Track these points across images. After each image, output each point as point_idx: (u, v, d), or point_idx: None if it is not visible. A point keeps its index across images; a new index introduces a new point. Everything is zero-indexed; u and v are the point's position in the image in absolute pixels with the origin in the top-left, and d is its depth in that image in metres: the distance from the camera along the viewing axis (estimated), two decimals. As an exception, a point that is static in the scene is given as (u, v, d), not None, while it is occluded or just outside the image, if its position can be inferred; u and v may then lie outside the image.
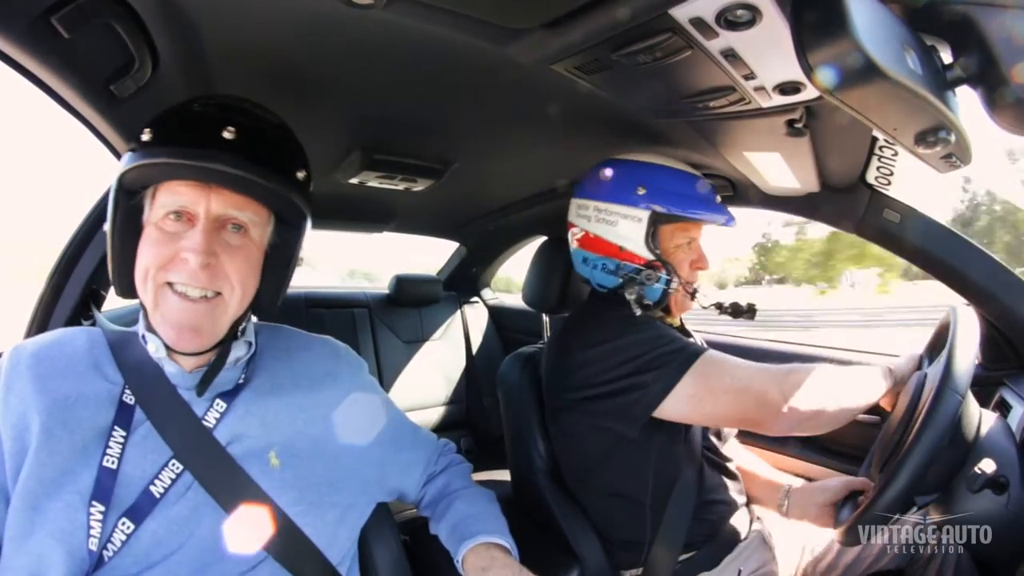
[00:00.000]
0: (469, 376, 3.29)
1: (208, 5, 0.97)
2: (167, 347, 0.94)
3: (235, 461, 0.95)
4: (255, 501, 0.94)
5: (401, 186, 1.99)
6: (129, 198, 0.93)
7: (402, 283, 3.15)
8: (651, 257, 1.42)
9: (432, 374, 3.15)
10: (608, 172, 1.48)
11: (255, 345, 1.07)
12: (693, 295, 1.47)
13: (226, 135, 0.87)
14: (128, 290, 0.96)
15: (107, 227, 0.95)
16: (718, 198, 1.48)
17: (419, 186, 2.02)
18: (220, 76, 1.20)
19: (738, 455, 1.70)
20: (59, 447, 0.86)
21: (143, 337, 0.97)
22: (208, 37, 1.05)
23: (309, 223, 1.03)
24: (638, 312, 1.40)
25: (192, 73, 1.16)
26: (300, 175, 0.96)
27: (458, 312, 3.37)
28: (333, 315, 2.98)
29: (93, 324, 1.55)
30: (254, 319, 1.10)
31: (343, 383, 1.14)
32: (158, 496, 0.89)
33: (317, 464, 1.03)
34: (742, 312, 1.54)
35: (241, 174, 0.87)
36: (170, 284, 0.90)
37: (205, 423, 0.96)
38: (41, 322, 1.47)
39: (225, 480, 0.93)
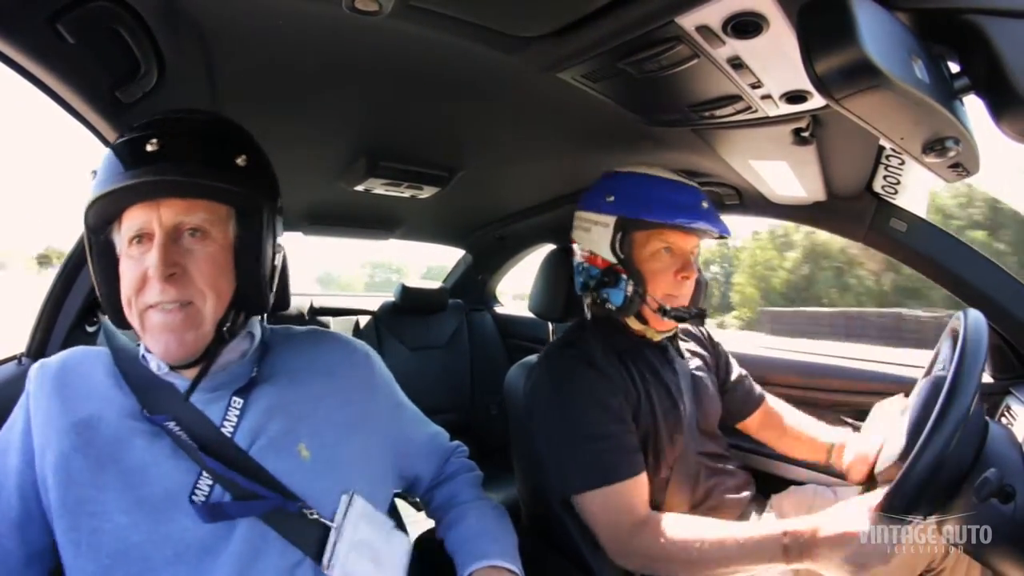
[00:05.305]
0: (474, 384, 3.28)
1: (214, 11, 0.97)
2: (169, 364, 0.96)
3: (256, 462, 0.94)
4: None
5: (407, 193, 2.00)
6: (99, 235, 0.96)
7: (408, 291, 3.14)
8: (613, 261, 1.40)
9: (437, 382, 3.13)
10: (594, 183, 1.49)
11: (260, 338, 1.07)
12: (664, 313, 1.39)
13: (148, 148, 0.88)
14: (122, 320, 0.98)
15: (89, 267, 0.98)
16: (704, 205, 1.37)
17: (425, 193, 2.02)
18: (225, 82, 1.20)
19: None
20: (82, 470, 0.87)
21: (143, 357, 1.00)
22: (214, 43, 1.06)
23: (276, 207, 1.02)
24: (588, 316, 1.50)
25: (197, 79, 1.16)
26: (240, 160, 0.95)
27: (464, 320, 3.36)
28: (338, 323, 2.99)
29: (98, 331, 1.56)
30: (256, 318, 1.09)
31: (359, 369, 1.15)
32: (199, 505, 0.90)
33: (344, 452, 1.02)
34: (688, 317, 1.49)
35: (168, 178, 0.88)
36: (150, 306, 0.91)
37: (226, 424, 0.96)
38: (45, 329, 1.47)
39: (251, 484, 0.92)
